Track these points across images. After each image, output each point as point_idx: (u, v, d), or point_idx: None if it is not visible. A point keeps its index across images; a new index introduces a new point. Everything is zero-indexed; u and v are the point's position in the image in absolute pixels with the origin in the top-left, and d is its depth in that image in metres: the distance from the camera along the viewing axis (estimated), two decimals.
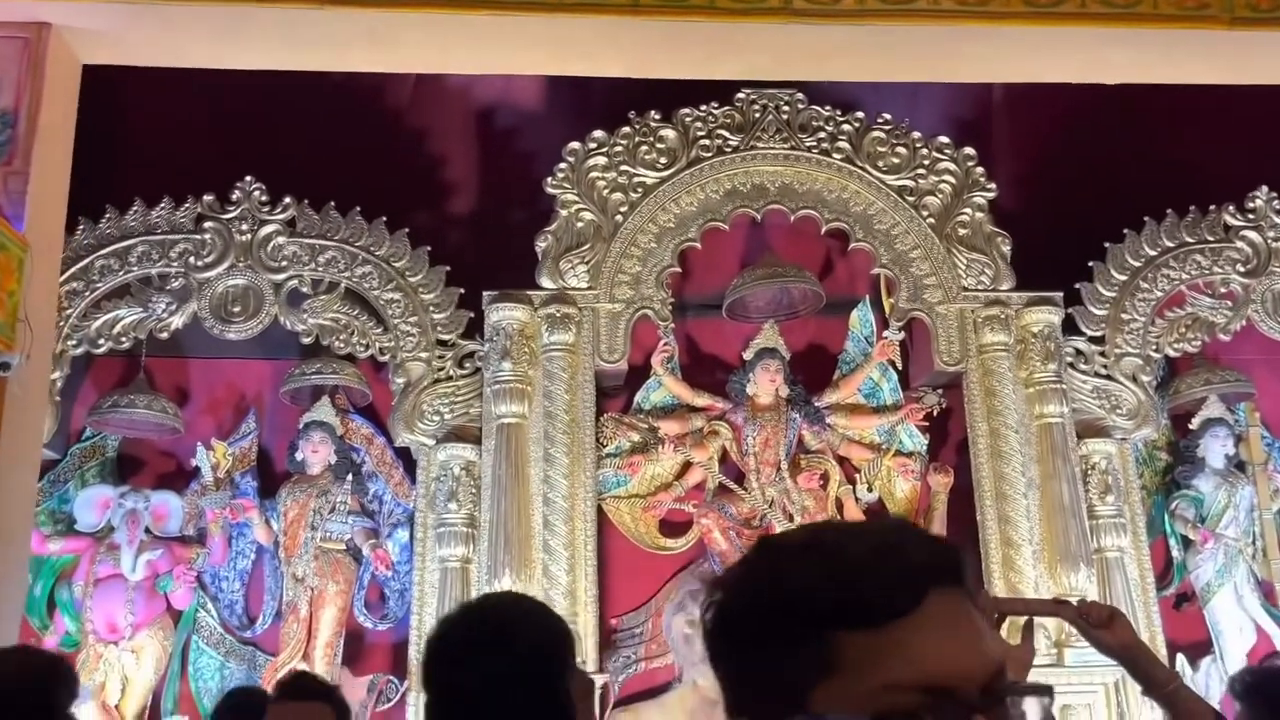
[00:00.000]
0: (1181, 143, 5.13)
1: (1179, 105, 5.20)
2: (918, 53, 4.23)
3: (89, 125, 5.08)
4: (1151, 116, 5.25)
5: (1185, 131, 5.18)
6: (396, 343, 4.36)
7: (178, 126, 4.99)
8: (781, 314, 4.77)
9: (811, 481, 4.42)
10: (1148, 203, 4.76)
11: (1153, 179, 4.92)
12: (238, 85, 5.06)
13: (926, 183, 4.60)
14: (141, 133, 4.91)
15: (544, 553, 4.07)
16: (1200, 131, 5.18)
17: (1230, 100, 5.26)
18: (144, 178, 4.73)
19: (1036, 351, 4.40)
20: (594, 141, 4.55)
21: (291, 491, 4.29)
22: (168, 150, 4.93)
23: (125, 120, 5.07)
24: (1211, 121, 5.22)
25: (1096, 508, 4.30)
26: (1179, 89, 5.19)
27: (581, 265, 4.41)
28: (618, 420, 4.45)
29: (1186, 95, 5.16)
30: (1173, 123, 5.21)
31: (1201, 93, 5.04)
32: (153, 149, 4.97)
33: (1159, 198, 4.78)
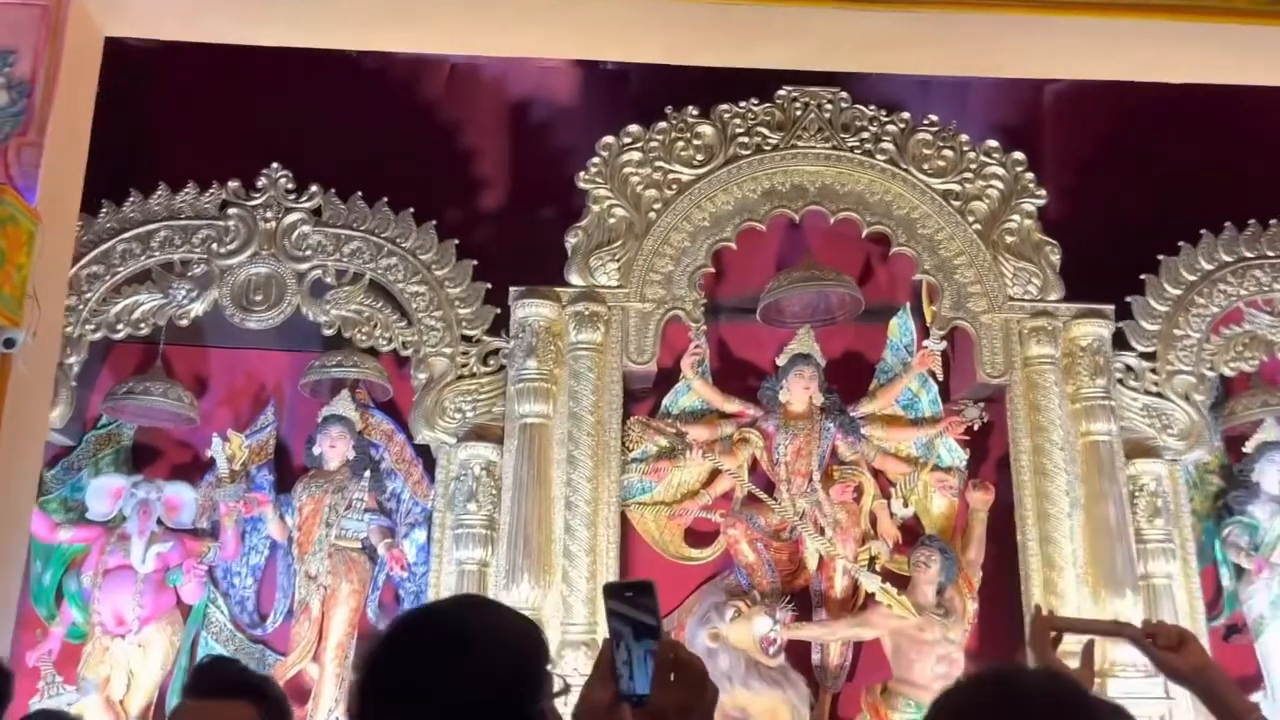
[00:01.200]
0: (1241, 153, 4.92)
1: (1238, 113, 5.00)
2: (969, 45, 4.08)
3: (113, 103, 5.04)
4: (1209, 124, 5.05)
5: (1245, 141, 4.97)
6: (420, 337, 4.24)
7: (204, 108, 4.91)
8: (818, 320, 4.60)
9: (845, 494, 4.25)
10: (1204, 215, 4.56)
11: (1210, 190, 4.72)
12: (267, 67, 4.98)
13: (973, 187, 4.42)
14: (168, 114, 4.84)
15: (564, 558, 3.93)
16: (1260, 142, 4.97)
17: None
18: (168, 160, 4.67)
19: (1084, 366, 4.21)
20: (629, 136, 4.41)
21: (307, 486, 4.17)
22: (194, 133, 4.85)
23: (151, 99, 5.01)
24: (1272, 131, 5.02)
25: (1144, 531, 4.10)
26: (1238, 95, 5.00)
27: (612, 263, 4.27)
28: (645, 424, 4.30)
29: (1246, 101, 4.96)
30: (1231, 131, 5.00)
31: (1262, 99, 4.84)
32: (179, 131, 4.89)
33: (1216, 210, 4.57)
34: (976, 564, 4.22)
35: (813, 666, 4.20)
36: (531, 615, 3.76)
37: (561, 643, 3.84)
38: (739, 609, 3.94)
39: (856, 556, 4.19)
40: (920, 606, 3.98)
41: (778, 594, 4.16)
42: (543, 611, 3.88)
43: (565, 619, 3.87)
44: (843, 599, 4.22)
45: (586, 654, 3.81)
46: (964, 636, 4.08)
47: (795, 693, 3.90)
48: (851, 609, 4.18)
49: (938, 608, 4.04)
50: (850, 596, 4.23)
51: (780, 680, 3.88)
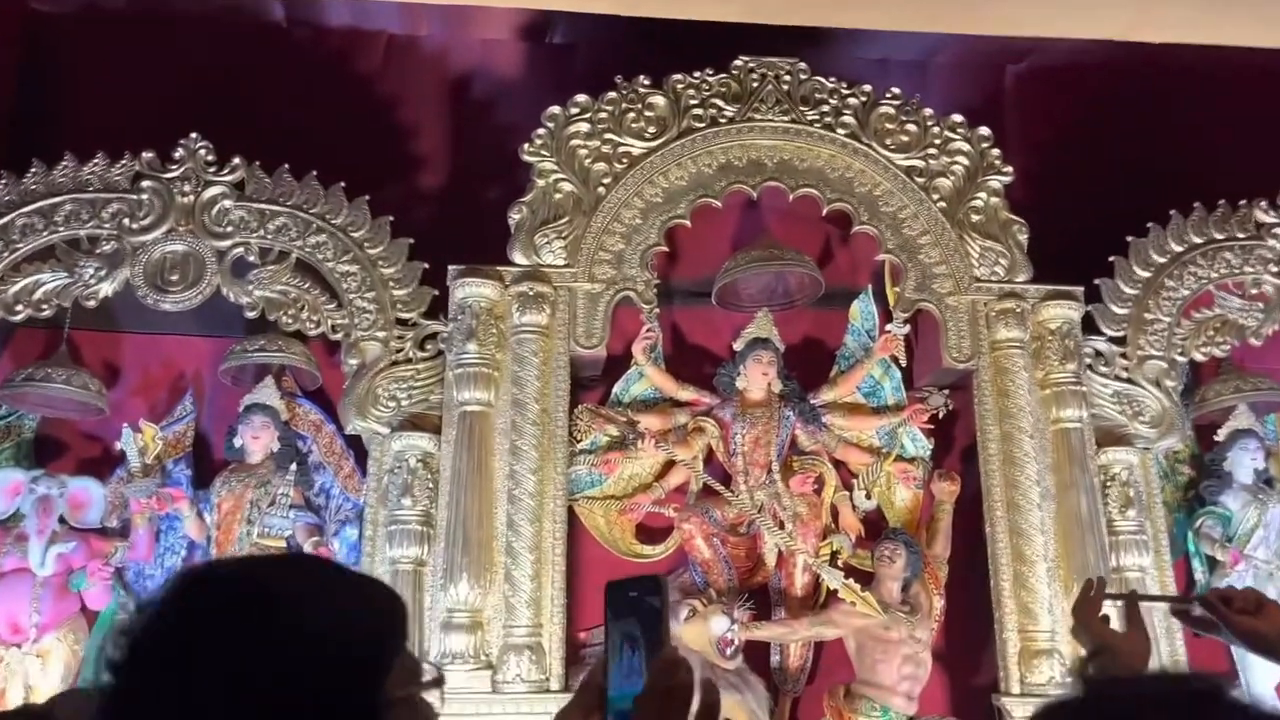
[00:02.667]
0: (1212, 133, 4.80)
1: (1208, 91, 4.89)
2: None
3: (28, 74, 4.71)
4: (1178, 103, 4.93)
5: (1216, 121, 4.85)
6: (351, 320, 3.94)
7: (122, 77, 4.60)
8: (776, 303, 4.37)
9: (805, 486, 4.01)
10: (1175, 195, 4.39)
11: (1180, 170, 4.57)
12: (191, 35, 4.70)
13: (938, 163, 4.21)
14: (83, 84, 4.51)
15: (507, 556, 3.65)
16: (1232, 122, 4.85)
17: (1265, 90, 4.94)
18: (79, 132, 4.33)
19: (1054, 350, 4.02)
20: (576, 107, 4.14)
21: (227, 481, 3.85)
22: (109, 104, 4.53)
23: (67, 69, 4.68)
24: (1244, 112, 4.90)
25: (1116, 523, 3.91)
26: (1209, 72, 4.88)
27: (558, 240, 4.00)
28: (594, 412, 4.04)
29: (1217, 78, 4.84)
30: (1201, 111, 4.88)
31: (1232, 75, 4.72)
32: (93, 101, 4.57)
33: (1187, 190, 4.41)
34: (943, 558, 4.01)
35: (771, 669, 3.97)
36: (468, 617, 3.56)
37: (504, 646, 3.56)
38: (694, 608, 3.69)
39: (818, 551, 3.96)
40: (885, 604, 3.76)
41: (735, 592, 3.92)
42: (484, 613, 3.60)
43: (508, 621, 3.59)
44: (803, 596, 3.99)
45: (531, 659, 3.53)
46: (931, 635, 3.87)
47: (754, 696, 3.66)
48: (812, 607, 3.95)
49: (903, 605, 3.82)
50: (811, 594, 4.00)
51: (738, 683, 3.63)
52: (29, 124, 4.57)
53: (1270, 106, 4.90)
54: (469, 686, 3.49)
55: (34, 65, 4.76)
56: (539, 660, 3.55)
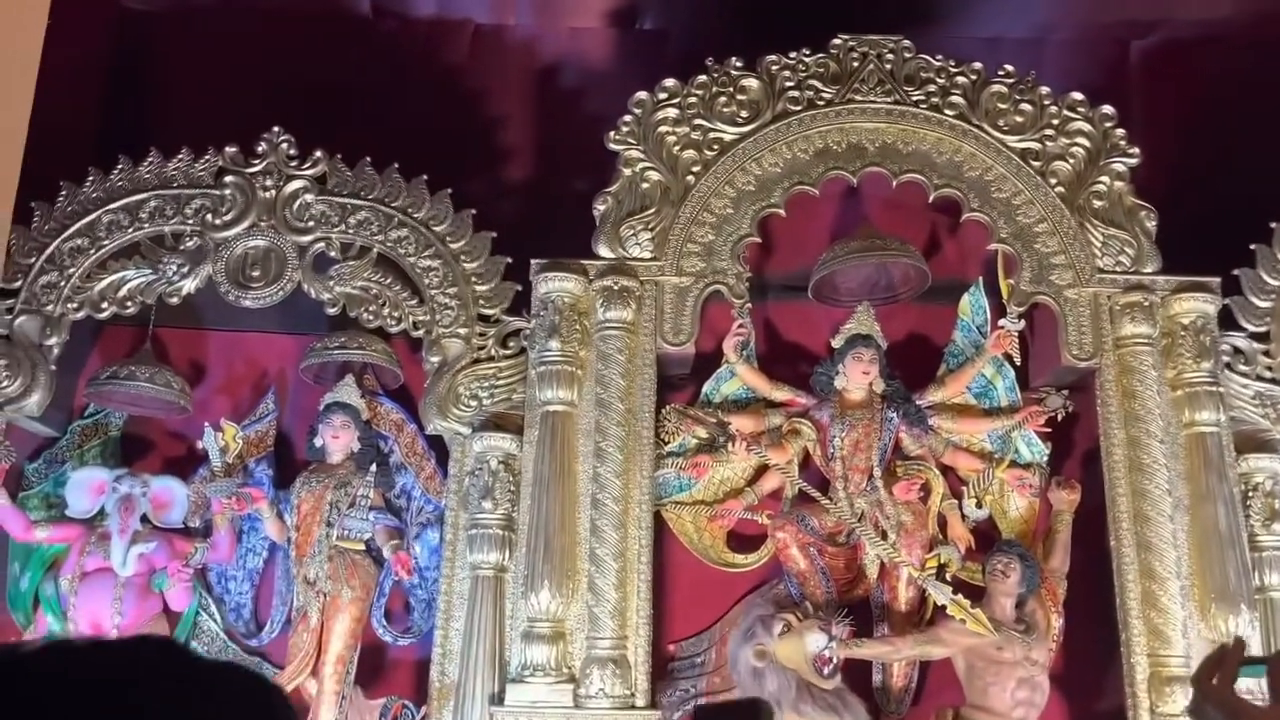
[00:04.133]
0: None
1: None
2: None
3: (120, 72, 4.74)
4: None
5: None
6: (432, 316, 3.82)
7: (208, 73, 4.59)
8: (878, 297, 4.10)
9: (909, 493, 3.74)
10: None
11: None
12: (275, 28, 4.68)
13: (1056, 145, 3.89)
14: (170, 81, 4.52)
15: (590, 563, 3.47)
16: None
17: None
18: (165, 127, 4.34)
19: (1187, 347, 3.66)
20: (664, 92, 3.95)
21: (307, 482, 3.76)
22: (194, 98, 4.54)
23: (155, 67, 4.70)
24: None
25: (1259, 537, 3.54)
26: None
27: (645, 232, 3.81)
28: (682, 413, 3.83)
29: None
30: None
31: None
32: (179, 97, 4.58)
33: None
34: (1061, 573, 3.69)
35: (873, 689, 3.70)
36: (550, 627, 3.40)
37: (587, 659, 3.39)
38: (788, 623, 3.46)
39: (923, 564, 3.67)
40: (997, 622, 3.46)
41: (833, 606, 3.67)
42: (566, 624, 3.44)
43: (591, 632, 3.42)
44: (908, 612, 3.71)
45: (615, 673, 3.35)
46: (1049, 657, 3.56)
47: (853, 718, 3.40)
48: (918, 624, 3.68)
49: (1017, 623, 3.52)
50: (916, 609, 3.73)
51: (836, 705, 3.38)
52: (120, 122, 4.59)
53: None
54: (550, 701, 3.33)
55: (126, 63, 4.79)
56: (624, 674, 3.37)
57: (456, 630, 3.54)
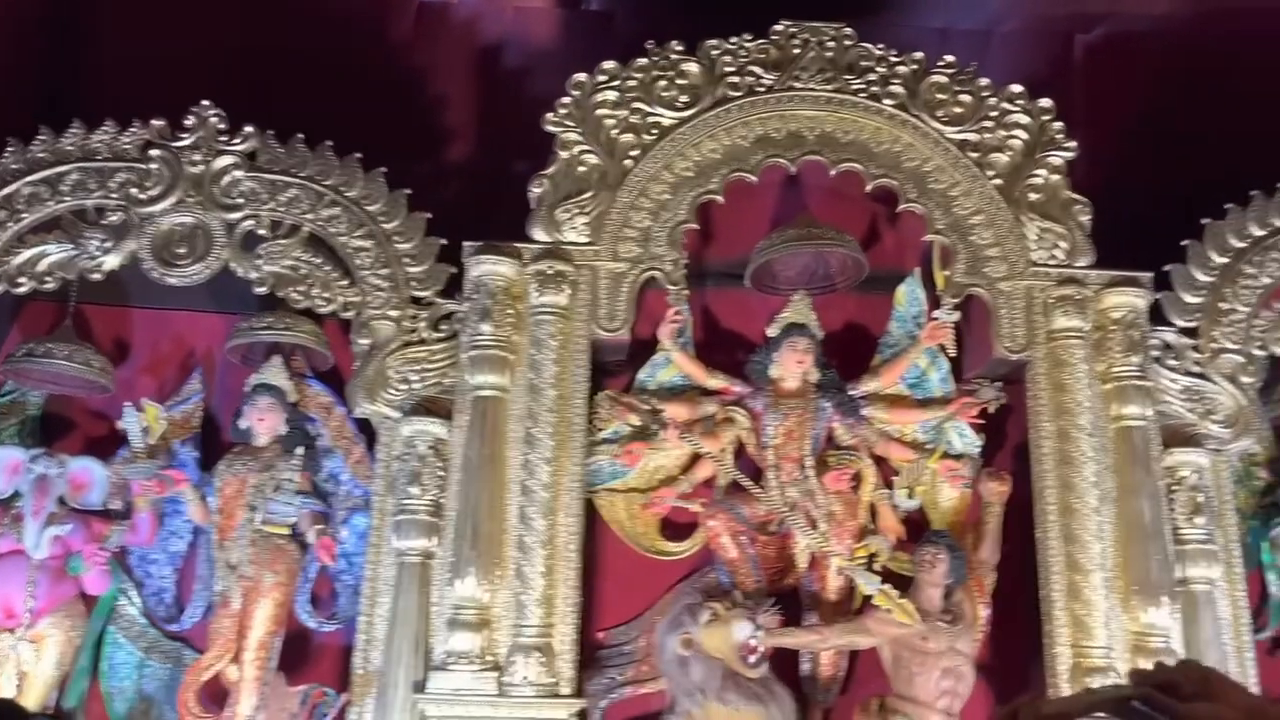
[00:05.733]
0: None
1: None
2: None
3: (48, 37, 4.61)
4: (1262, 79, 4.53)
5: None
6: (363, 298, 3.75)
7: (144, 45, 4.47)
8: (815, 286, 4.09)
9: (841, 483, 3.73)
10: (1256, 175, 4.00)
11: (1262, 148, 4.17)
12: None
13: (994, 138, 3.88)
14: (93, 50, 4.38)
15: (518, 551, 3.43)
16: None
17: None
18: (99, 101, 4.20)
19: (1117, 341, 3.67)
20: (603, 74, 3.89)
21: (231, 464, 3.69)
22: (128, 73, 4.41)
23: (87, 37, 4.58)
24: None
25: (1183, 531, 3.57)
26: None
27: (581, 216, 3.76)
28: (616, 400, 3.80)
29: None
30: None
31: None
32: (112, 70, 4.45)
33: (1269, 169, 4.02)
34: (990, 564, 3.71)
35: (800, 678, 3.71)
36: (476, 614, 3.36)
37: (512, 646, 3.35)
38: (715, 612, 3.45)
39: (853, 554, 3.68)
40: (925, 612, 3.48)
41: (762, 594, 3.66)
42: (492, 611, 3.40)
43: (517, 620, 3.38)
44: (837, 602, 3.71)
45: (540, 661, 3.32)
46: (974, 647, 3.58)
47: (779, 708, 3.41)
48: (846, 613, 3.68)
49: (944, 613, 3.53)
50: (845, 599, 3.73)
51: (761, 694, 3.38)
52: (48, 89, 4.47)
53: None
54: (474, 688, 3.30)
55: (54, 29, 4.65)
56: (549, 662, 3.34)
57: (381, 617, 3.49)
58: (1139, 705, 1.01)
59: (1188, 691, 1.01)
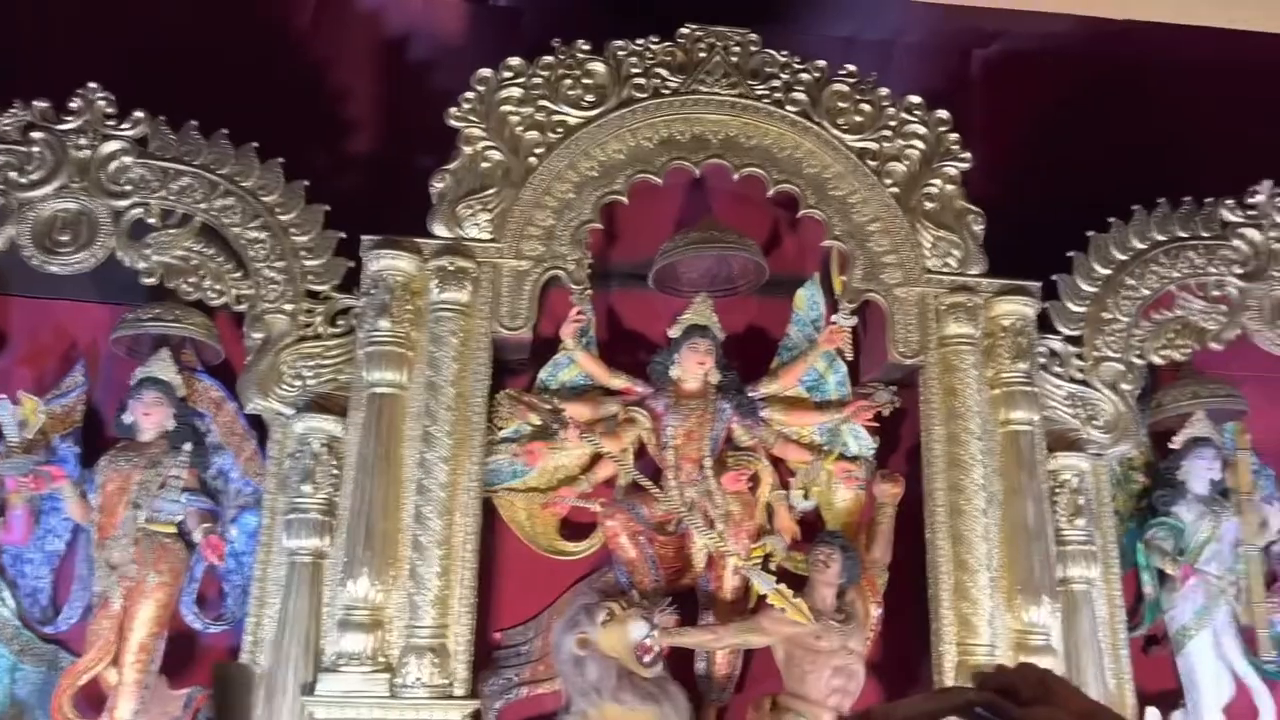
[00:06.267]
0: (1182, 125, 4.60)
1: (1181, 84, 4.69)
2: None
3: None
4: (1150, 95, 4.73)
5: (1184, 114, 4.66)
6: (257, 290, 3.65)
7: (30, 25, 4.28)
8: (718, 289, 4.14)
9: (738, 483, 3.77)
10: (1142, 189, 4.17)
11: (1148, 163, 4.36)
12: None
13: (892, 147, 3.97)
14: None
15: (413, 551, 3.38)
16: (1203, 115, 4.65)
17: (1235, 83, 4.76)
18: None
19: (1006, 348, 3.79)
20: (508, 70, 3.87)
21: (114, 460, 3.56)
22: (8, 52, 4.21)
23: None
24: (1213, 105, 4.71)
25: (1064, 532, 3.70)
26: (1174, 67, 4.68)
27: (484, 213, 3.73)
28: (516, 399, 3.78)
29: (1188, 73, 4.64)
30: (1173, 103, 4.69)
31: (1206, 69, 4.53)
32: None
33: (1154, 185, 4.19)
34: (882, 564, 3.79)
35: (696, 677, 3.74)
36: (368, 615, 3.30)
37: (405, 648, 3.30)
38: (612, 611, 3.45)
39: (749, 553, 3.73)
40: (818, 611, 3.53)
41: (660, 594, 3.68)
42: (385, 612, 3.34)
43: (411, 620, 3.33)
44: (733, 601, 3.76)
45: (433, 662, 3.28)
46: (865, 646, 3.65)
47: (673, 707, 3.42)
48: (742, 612, 3.73)
49: (837, 612, 3.60)
50: (741, 599, 3.77)
51: (656, 693, 3.39)
52: None
53: (1241, 97, 4.72)
54: (364, 690, 3.24)
55: None
56: (443, 663, 3.30)
57: (270, 618, 3.41)
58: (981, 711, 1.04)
59: (1026, 696, 1.04)
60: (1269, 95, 4.81)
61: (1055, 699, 1.04)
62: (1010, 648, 3.54)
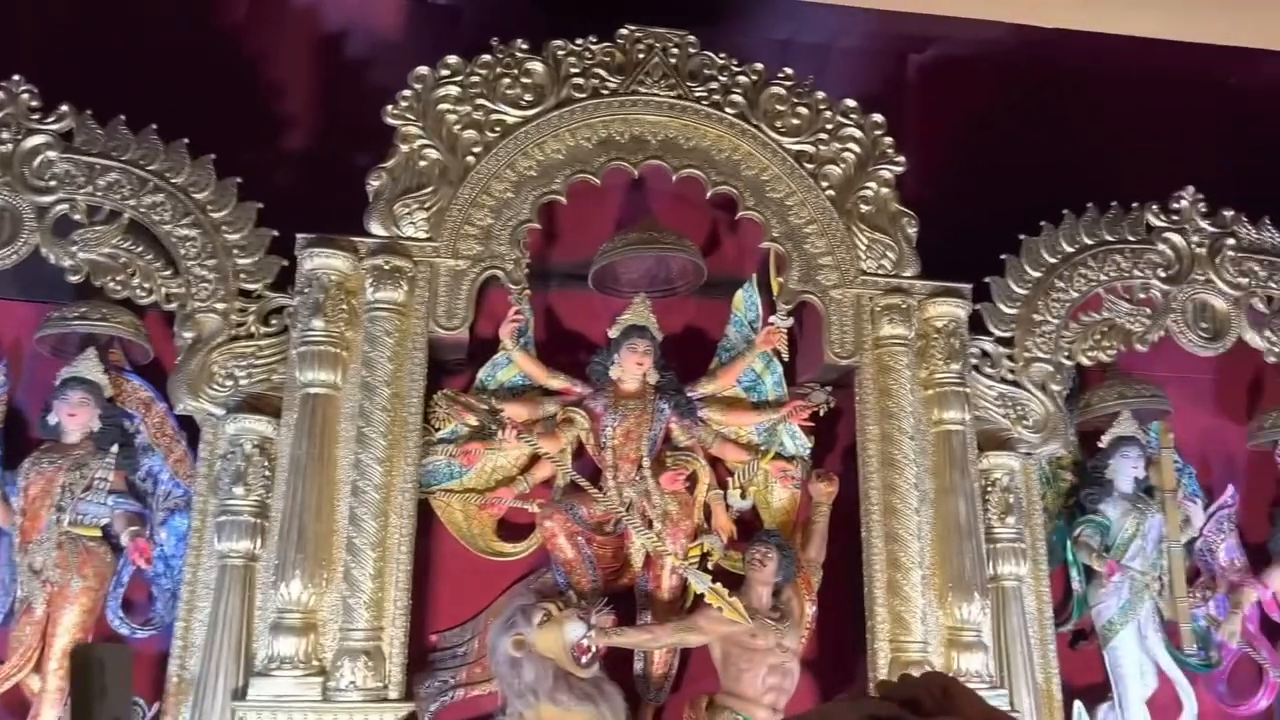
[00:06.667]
0: (1111, 131, 4.72)
1: (1111, 90, 4.80)
2: None
3: None
4: (1081, 101, 4.84)
5: (1114, 121, 4.77)
6: (188, 289, 3.58)
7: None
8: (658, 289, 4.15)
9: (676, 483, 3.78)
10: (1072, 194, 4.27)
11: (1078, 168, 4.48)
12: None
13: (829, 150, 4.01)
14: None
15: (347, 553, 3.35)
16: (1130, 123, 4.77)
17: (1162, 91, 4.89)
18: None
19: (939, 349, 3.85)
20: (446, 68, 3.84)
21: (37, 462, 3.48)
22: None
23: None
24: (1141, 112, 4.84)
25: (995, 530, 3.77)
26: (1104, 76, 4.80)
27: (421, 211, 3.70)
28: (453, 399, 3.76)
29: (1118, 80, 4.75)
30: (1103, 109, 4.80)
31: (1136, 76, 4.65)
32: None
33: (1084, 189, 4.29)
34: (817, 563, 3.83)
35: (635, 676, 3.75)
36: (301, 619, 3.26)
37: (339, 651, 3.27)
38: (548, 612, 3.44)
39: (687, 553, 3.74)
40: (754, 610, 3.56)
41: (599, 595, 3.68)
42: (318, 615, 3.30)
43: (345, 623, 3.29)
44: (670, 600, 3.77)
45: (367, 664, 3.25)
46: (800, 643, 3.68)
47: (609, 707, 3.42)
48: (679, 612, 3.74)
49: (773, 611, 3.62)
50: (679, 598, 3.79)
51: (593, 693, 3.39)
52: None
53: (1169, 105, 4.85)
54: (296, 695, 3.20)
55: None
56: (377, 666, 3.27)
57: (200, 622, 3.36)
58: None
59: (929, 707, 1.05)
60: (1195, 104, 4.95)
61: (956, 709, 1.05)
62: (942, 644, 3.60)
